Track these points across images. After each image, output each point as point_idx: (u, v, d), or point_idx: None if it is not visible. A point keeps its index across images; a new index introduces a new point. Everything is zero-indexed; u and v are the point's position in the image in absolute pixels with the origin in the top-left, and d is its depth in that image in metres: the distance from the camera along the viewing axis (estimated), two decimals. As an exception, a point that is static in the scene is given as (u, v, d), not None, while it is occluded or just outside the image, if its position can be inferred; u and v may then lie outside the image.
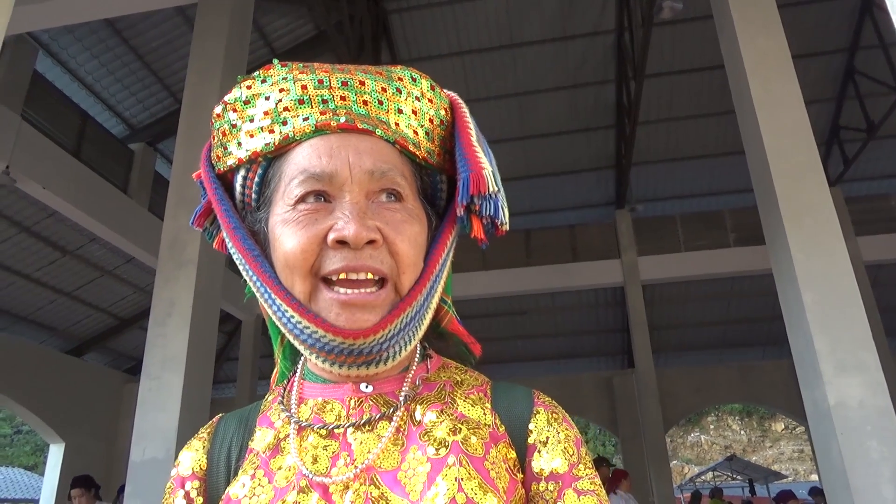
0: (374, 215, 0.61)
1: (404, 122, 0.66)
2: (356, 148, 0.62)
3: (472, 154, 0.65)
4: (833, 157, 11.72)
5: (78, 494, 5.53)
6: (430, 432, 0.62)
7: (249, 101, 0.66)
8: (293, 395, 0.68)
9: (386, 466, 0.60)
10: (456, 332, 0.75)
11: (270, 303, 0.64)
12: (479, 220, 0.66)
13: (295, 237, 0.60)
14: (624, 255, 11.80)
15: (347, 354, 0.59)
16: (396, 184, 0.63)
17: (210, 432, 0.72)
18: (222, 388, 14.26)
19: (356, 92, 0.65)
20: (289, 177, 0.63)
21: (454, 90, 0.73)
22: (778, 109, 4.84)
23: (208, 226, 0.74)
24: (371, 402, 0.64)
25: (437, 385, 0.68)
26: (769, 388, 13.04)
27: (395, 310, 0.61)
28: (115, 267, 10.64)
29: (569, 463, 0.63)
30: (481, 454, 0.61)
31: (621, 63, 10.36)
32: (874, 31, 9.80)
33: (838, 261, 4.33)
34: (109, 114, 9.45)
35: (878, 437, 3.89)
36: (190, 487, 0.68)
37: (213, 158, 0.71)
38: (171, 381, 4.67)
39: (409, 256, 0.62)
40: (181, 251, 5.09)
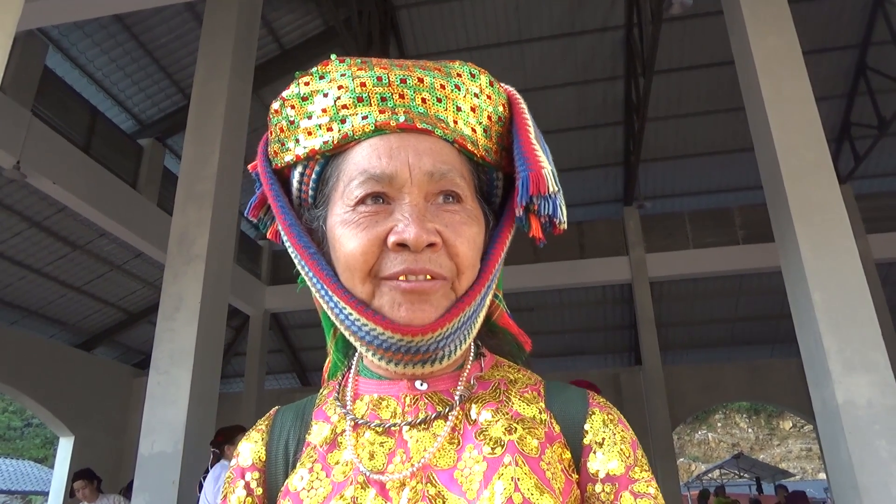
0: (434, 217, 0.61)
1: (463, 120, 0.65)
2: (416, 148, 0.62)
3: (531, 152, 0.65)
4: (844, 154, 11.62)
5: (82, 486, 5.61)
6: (485, 431, 0.62)
7: (307, 98, 0.66)
8: (348, 391, 0.69)
9: (442, 465, 0.60)
10: (506, 326, 0.75)
11: (328, 299, 0.64)
12: (538, 219, 0.66)
13: (355, 239, 0.60)
14: (632, 251, 11.75)
15: (405, 352, 0.60)
16: (455, 185, 0.63)
17: (268, 424, 0.73)
18: (230, 383, 14.33)
19: (415, 89, 0.64)
20: (348, 177, 0.63)
21: None
22: (788, 106, 4.80)
23: (262, 216, 0.75)
24: (426, 399, 0.65)
25: (492, 384, 0.68)
26: (777, 386, 12.98)
27: (454, 309, 0.61)
28: (125, 262, 10.70)
29: (625, 465, 0.63)
30: (537, 454, 0.61)
31: (630, 59, 10.31)
32: (886, 26, 9.71)
33: (848, 259, 4.30)
34: (119, 109, 9.49)
35: (887, 436, 3.87)
36: (250, 478, 0.69)
37: (270, 154, 0.71)
38: (180, 375, 4.70)
39: (468, 258, 0.62)
40: (189, 246, 5.12)
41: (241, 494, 0.68)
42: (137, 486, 4.51)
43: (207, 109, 5.59)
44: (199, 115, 5.62)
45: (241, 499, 0.68)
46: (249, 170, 0.75)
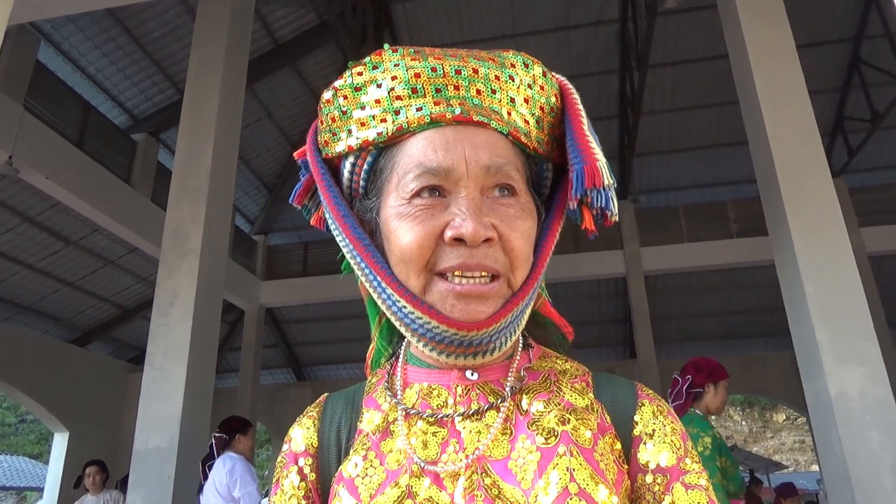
0: (489, 211, 0.61)
1: (516, 112, 0.65)
2: (472, 142, 0.62)
3: (585, 144, 0.64)
4: (837, 148, 11.66)
5: (95, 472, 5.69)
6: (538, 422, 0.62)
7: (360, 88, 0.65)
8: (397, 379, 0.69)
9: (496, 455, 0.60)
10: (549, 315, 0.76)
11: (380, 291, 0.64)
12: (590, 212, 0.66)
13: (411, 232, 0.60)
14: (626, 245, 11.78)
15: (458, 345, 0.60)
16: (511, 178, 0.63)
17: (319, 411, 0.73)
18: (225, 378, 14.33)
19: (470, 80, 0.63)
20: (403, 169, 0.63)
21: None
22: (782, 100, 4.82)
23: (307, 203, 0.76)
24: (478, 390, 0.65)
25: (542, 374, 0.68)
26: (771, 378, 13.06)
27: (509, 304, 0.61)
28: (119, 257, 10.66)
29: (676, 456, 0.63)
30: (590, 445, 0.61)
31: (625, 53, 10.30)
32: (880, 20, 9.73)
33: (841, 252, 4.32)
34: (112, 104, 9.44)
35: (879, 427, 3.90)
36: (303, 464, 0.69)
37: (321, 143, 0.71)
38: (175, 370, 4.70)
39: (523, 253, 0.62)
40: (184, 241, 5.11)
41: (296, 480, 0.68)
42: (133, 482, 4.51)
43: (201, 104, 5.57)
44: (192, 109, 5.59)
45: (295, 484, 0.68)
46: (296, 157, 0.75)
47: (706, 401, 3.11)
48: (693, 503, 0.60)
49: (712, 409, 3.12)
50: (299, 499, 0.67)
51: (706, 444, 2.87)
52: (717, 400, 3.12)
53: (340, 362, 14.99)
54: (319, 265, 12.32)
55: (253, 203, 12.71)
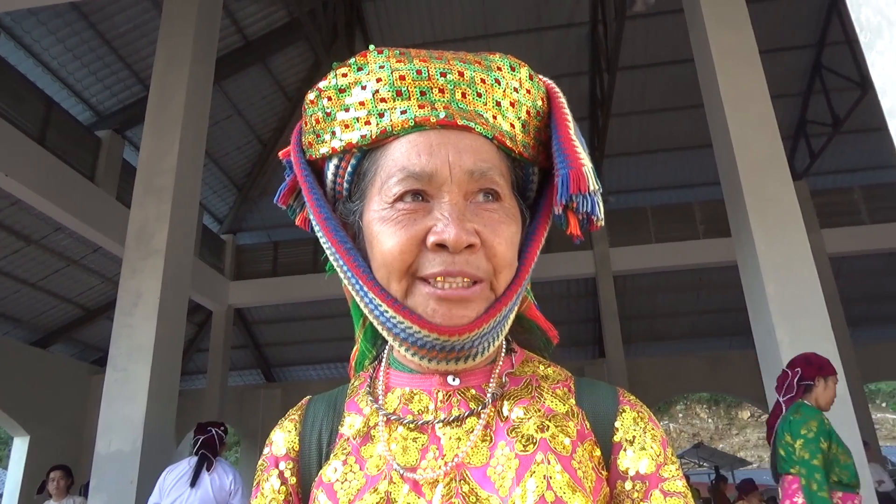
0: (473, 216, 0.60)
1: (502, 116, 0.64)
2: (456, 146, 0.61)
3: (571, 149, 0.64)
4: (800, 151, 11.95)
5: (59, 477, 5.54)
6: (517, 428, 0.62)
7: (345, 90, 0.64)
8: (379, 383, 0.69)
9: (475, 462, 0.60)
10: (534, 318, 0.76)
11: (363, 295, 0.64)
12: (576, 217, 0.65)
13: (394, 237, 0.60)
14: (596, 246, 11.90)
15: (440, 350, 0.60)
16: (495, 183, 0.62)
17: (301, 414, 0.72)
18: (192, 380, 14.10)
19: (455, 84, 0.63)
20: (386, 173, 0.62)
21: None
22: (745, 103, 4.92)
23: (292, 203, 0.74)
24: (459, 396, 0.65)
25: (524, 379, 0.68)
26: (736, 377, 13.32)
27: (492, 309, 0.61)
28: (82, 256, 10.43)
29: (656, 463, 0.63)
30: (568, 453, 0.61)
31: (595, 55, 10.42)
32: (841, 27, 9.99)
33: (800, 252, 4.43)
34: (75, 100, 9.22)
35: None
36: (284, 467, 0.68)
37: (305, 144, 0.70)
38: (138, 372, 4.62)
39: (506, 259, 0.62)
40: (148, 241, 5.02)
41: (276, 483, 0.68)
42: (94, 486, 4.42)
43: (167, 101, 5.48)
44: (158, 106, 5.50)
45: (276, 488, 0.68)
46: (280, 157, 0.74)
47: (815, 394, 3.13)
48: None
49: (822, 403, 3.13)
50: (279, 503, 0.67)
51: (811, 428, 2.90)
52: (827, 395, 3.15)
53: (311, 363, 14.87)
54: (289, 265, 12.21)
55: (221, 202, 12.54)
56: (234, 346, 12.84)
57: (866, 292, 13.09)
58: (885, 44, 1.20)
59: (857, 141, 11.76)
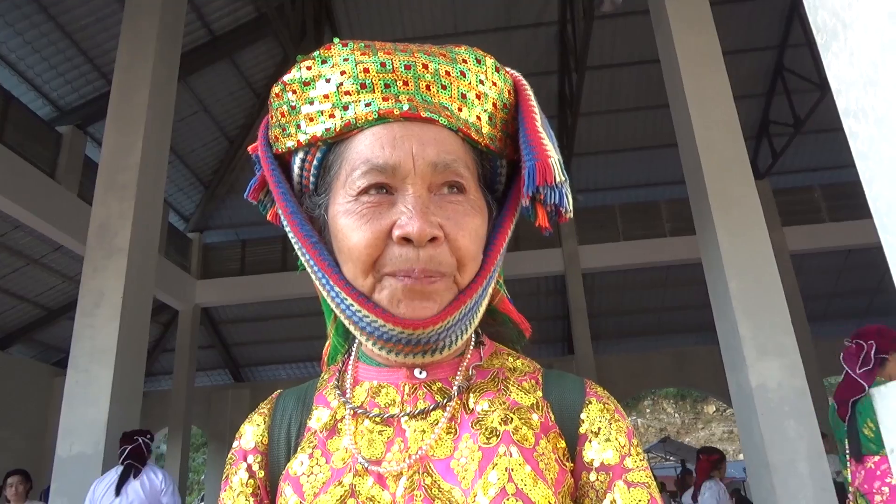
0: (437, 209, 0.60)
1: (467, 108, 0.64)
2: (420, 138, 0.61)
3: (537, 141, 0.64)
4: (763, 151, 12.21)
5: (17, 482, 5.37)
6: (481, 421, 0.62)
7: (309, 83, 0.64)
8: (348, 377, 0.69)
9: (439, 455, 0.60)
10: (506, 311, 0.75)
11: (329, 289, 0.63)
12: (544, 209, 0.65)
13: (359, 231, 0.60)
14: (565, 244, 12.00)
15: (406, 344, 0.60)
16: (459, 175, 0.62)
17: (270, 408, 0.72)
18: (157, 381, 13.85)
19: (419, 76, 0.63)
20: (350, 166, 0.62)
21: None
22: (709, 104, 5.01)
23: (262, 198, 0.74)
24: (425, 389, 0.65)
25: (491, 372, 0.67)
26: (701, 372, 13.58)
27: (456, 302, 0.61)
28: (42, 255, 10.15)
29: (620, 454, 0.62)
30: (531, 444, 0.60)
31: (564, 55, 10.50)
32: (801, 29, 10.23)
33: (762, 250, 4.54)
34: (35, 94, 8.96)
35: (795, 416, 4.11)
36: (252, 461, 0.68)
37: (271, 138, 0.69)
38: (100, 373, 4.52)
39: (471, 252, 0.62)
40: (111, 239, 4.91)
41: (244, 477, 0.67)
42: (55, 489, 4.31)
43: (130, 96, 5.37)
44: (120, 101, 5.38)
45: (244, 481, 0.67)
46: (249, 152, 0.73)
47: (889, 369, 2.97)
48: (634, 501, 0.60)
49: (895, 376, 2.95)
50: (247, 496, 0.66)
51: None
52: None
53: (280, 363, 14.71)
54: (258, 264, 12.06)
55: (188, 199, 12.32)
56: (201, 347, 12.65)
57: (825, 289, 13.46)
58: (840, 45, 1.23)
59: (818, 141, 12.07)
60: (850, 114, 1.14)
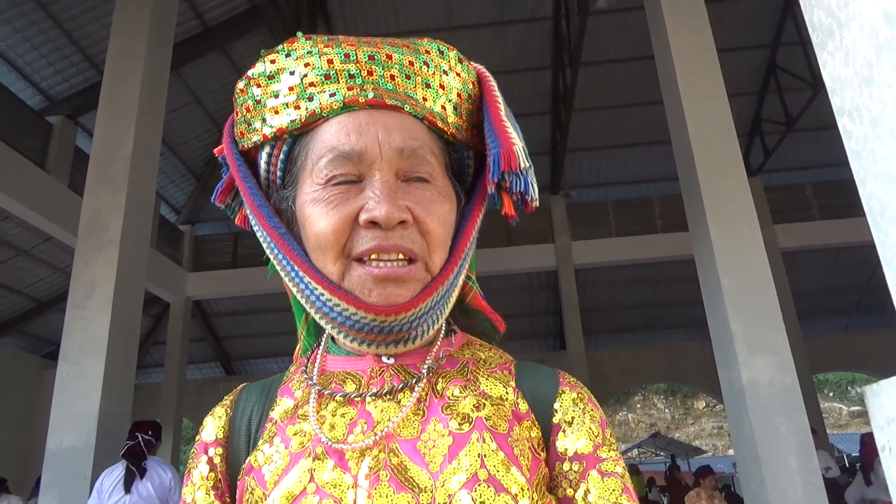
0: (405, 194, 0.60)
1: (432, 97, 0.65)
2: (385, 125, 0.61)
3: (501, 129, 0.64)
4: (755, 148, 12.26)
5: None
6: (452, 406, 0.61)
7: (273, 77, 0.64)
8: (316, 367, 0.68)
9: (405, 435, 0.59)
10: (480, 307, 0.75)
11: (298, 281, 0.63)
12: (510, 197, 0.66)
13: (326, 218, 0.60)
14: (558, 239, 12.03)
15: (378, 332, 0.60)
16: (426, 161, 0.62)
17: (233, 400, 0.72)
18: (149, 373, 13.81)
19: (383, 66, 0.63)
20: (317, 155, 0.62)
21: None
22: (702, 100, 5.02)
23: (230, 202, 0.73)
24: (392, 371, 0.64)
25: (461, 361, 0.67)
26: (692, 368, 13.66)
27: (428, 288, 0.61)
28: (32, 246, 10.08)
29: (593, 444, 0.63)
30: (505, 431, 0.60)
31: (558, 50, 10.49)
32: (794, 28, 10.27)
33: (754, 247, 4.56)
34: (25, 83, 8.87)
35: (786, 413, 4.14)
36: (213, 453, 0.68)
37: (237, 135, 0.69)
38: (92, 366, 4.49)
39: (440, 236, 0.62)
40: (102, 231, 4.88)
41: (205, 470, 0.67)
42: (46, 483, 4.29)
43: (121, 86, 5.32)
44: (112, 92, 5.33)
45: (204, 474, 0.67)
46: (216, 154, 0.73)
47: None
48: (608, 490, 0.60)
49: None
50: (207, 489, 0.66)
51: None
52: None
53: (272, 356, 14.69)
54: (250, 256, 12.02)
55: (179, 191, 12.25)
56: (192, 339, 12.61)
57: (816, 286, 13.56)
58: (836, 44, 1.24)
59: (810, 139, 12.13)
60: (845, 113, 1.14)
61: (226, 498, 0.66)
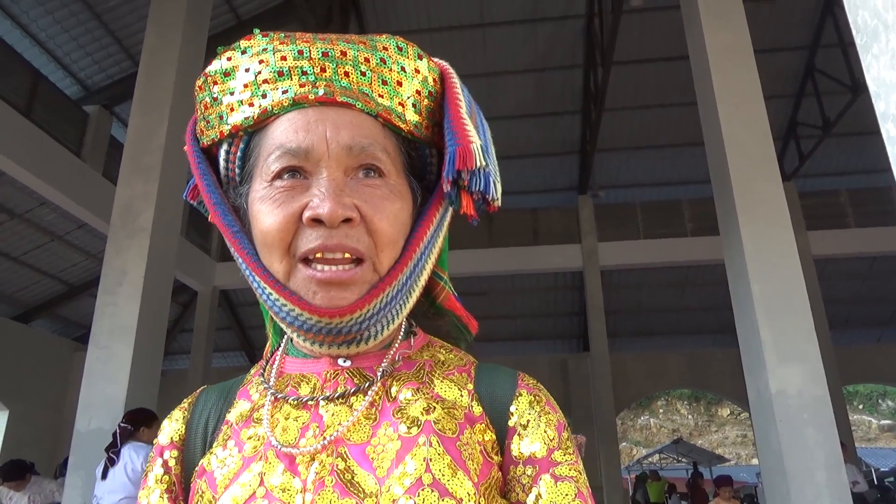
0: (353, 192, 0.60)
1: (388, 94, 0.63)
2: (334, 122, 0.60)
3: (459, 127, 0.63)
4: (789, 153, 12.02)
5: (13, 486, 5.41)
6: (403, 410, 0.61)
7: (230, 73, 0.64)
8: (274, 369, 0.68)
9: (355, 440, 0.59)
10: (452, 308, 0.74)
11: (251, 279, 0.63)
12: (469, 196, 0.64)
13: (271, 216, 0.59)
14: (584, 240, 11.94)
15: (326, 334, 0.59)
16: (377, 159, 0.61)
17: (191, 402, 0.72)
18: (175, 360, 14.04)
19: (337, 63, 0.62)
20: (266, 152, 0.62)
21: None
22: (738, 103, 4.93)
23: (201, 199, 0.72)
24: (347, 374, 0.64)
25: (417, 364, 0.67)
26: (717, 375, 13.46)
27: (375, 289, 0.60)
28: (66, 232, 10.31)
29: (548, 448, 0.61)
30: (454, 434, 0.59)
31: (590, 49, 10.39)
32: (834, 30, 10.03)
33: (787, 254, 4.46)
34: (63, 73, 9.08)
35: (815, 424, 4.05)
36: (168, 456, 0.68)
37: (198, 132, 0.69)
38: (120, 351, 4.58)
39: (388, 235, 0.61)
40: (134, 219, 4.97)
41: (160, 472, 0.67)
42: (73, 463, 4.39)
43: (156, 78, 5.41)
44: (147, 83, 5.42)
45: (159, 476, 0.67)
46: (186, 151, 0.72)
47: None
48: (560, 495, 0.59)
49: None
50: (161, 492, 0.66)
51: None
52: None
53: (295, 347, 14.84)
54: (277, 248, 12.13)
55: (210, 182, 12.43)
56: (218, 328, 12.79)
57: (848, 295, 13.26)
58: (881, 47, 1.20)
59: (847, 144, 11.85)
60: (890, 118, 1.10)
61: (179, 501, 0.66)
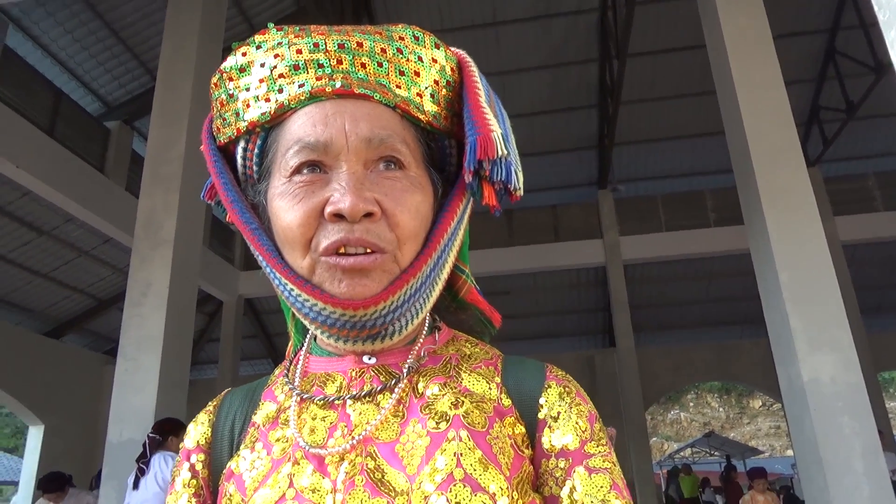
0: (373, 185, 0.59)
1: (406, 85, 0.62)
2: (352, 114, 0.60)
3: (479, 116, 0.62)
4: (812, 138, 11.80)
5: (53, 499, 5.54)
6: (431, 405, 0.60)
7: (245, 69, 0.64)
8: (298, 369, 0.68)
9: (384, 438, 0.58)
10: (475, 302, 0.73)
11: (273, 276, 0.62)
12: (491, 187, 0.63)
13: (291, 211, 0.59)
14: (606, 235, 11.84)
15: (350, 328, 0.58)
16: (396, 151, 0.61)
17: (216, 405, 0.71)
18: (203, 370, 14.20)
19: (354, 54, 0.61)
20: (284, 147, 0.61)
21: None
22: (758, 90, 4.84)
23: (218, 199, 0.72)
24: (373, 372, 0.63)
25: (444, 358, 0.66)
26: (747, 366, 13.25)
27: (398, 281, 0.59)
28: (93, 247, 10.49)
29: (580, 439, 0.60)
30: (484, 428, 0.58)
31: (604, 42, 10.31)
32: (854, 11, 9.83)
33: (814, 240, 4.38)
34: (84, 91, 9.24)
35: (850, 412, 3.96)
36: (195, 460, 0.67)
37: (214, 130, 0.69)
38: (148, 362, 4.64)
39: (410, 228, 0.60)
40: (157, 230, 5.03)
41: (187, 476, 0.67)
42: (106, 475, 4.45)
43: (174, 90, 5.47)
44: (165, 96, 5.49)
45: (187, 481, 0.66)
46: (202, 150, 0.72)
47: None
48: (595, 487, 0.58)
49: None
50: (189, 496, 0.65)
51: None
52: None
53: (321, 352, 14.93)
54: (299, 255, 12.22)
55: (231, 192, 12.55)
56: (244, 336, 12.91)
57: (879, 280, 12.97)
58: (908, 21, 1.16)
59: (872, 127, 11.61)
60: (920, 93, 1.07)
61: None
